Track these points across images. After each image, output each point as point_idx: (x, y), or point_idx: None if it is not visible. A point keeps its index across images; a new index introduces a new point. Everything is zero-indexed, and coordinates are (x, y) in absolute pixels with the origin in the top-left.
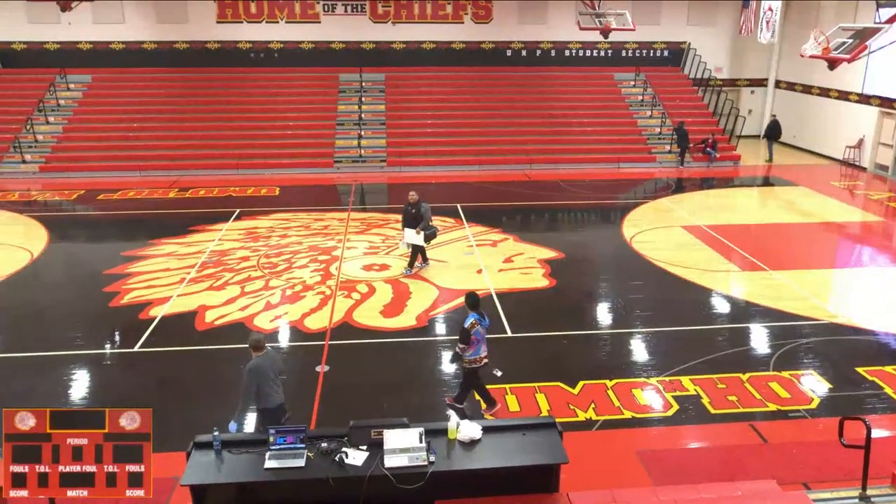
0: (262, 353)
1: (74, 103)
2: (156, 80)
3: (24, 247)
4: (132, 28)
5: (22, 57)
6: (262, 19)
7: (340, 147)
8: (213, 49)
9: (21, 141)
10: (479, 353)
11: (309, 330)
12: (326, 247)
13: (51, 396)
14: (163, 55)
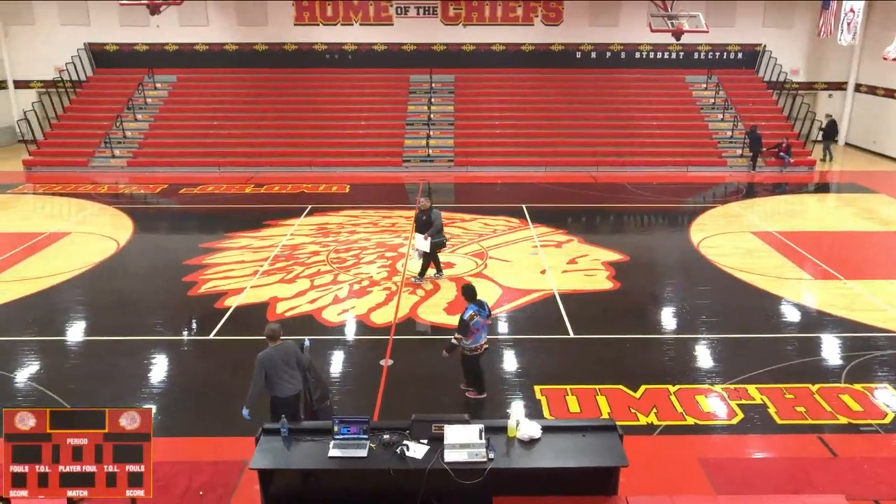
0: (276, 344)
1: (160, 102)
2: (236, 80)
3: (112, 237)
4: (215, 30)
5: (114, 58)
6: (337, 22)
7: (409, 146)
8: (290, 50)
9: (111, 137)
10: (479, 341)
11: (374, 324)
12: (393, 244)
13: (131, 378)
14: (243, 56)
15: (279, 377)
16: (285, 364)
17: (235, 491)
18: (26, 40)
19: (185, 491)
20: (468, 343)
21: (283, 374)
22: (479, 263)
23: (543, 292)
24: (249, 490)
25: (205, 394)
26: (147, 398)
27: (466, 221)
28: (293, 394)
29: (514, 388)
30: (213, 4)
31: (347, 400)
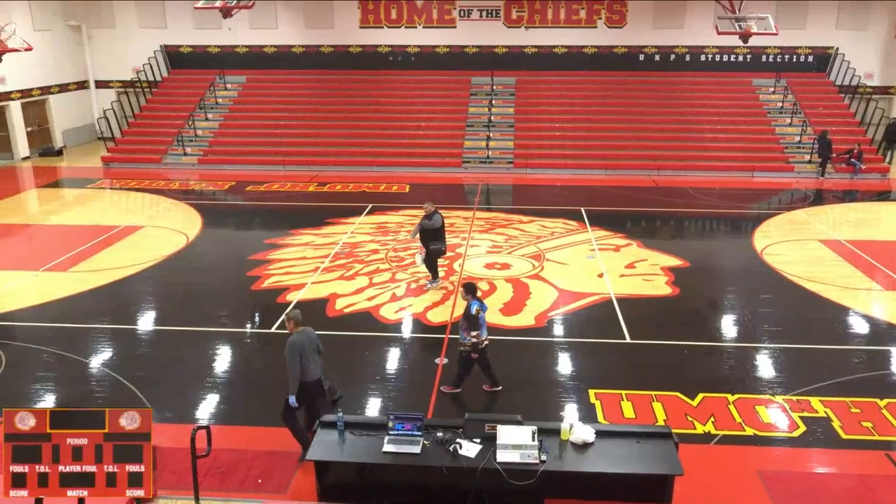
0: (300, 330)
1: (230, 101)
2: (301, 82)
3: (182, 231)
4: (283, 33)
5: (188, 59)
6: (401, 24)
7: (469, 148)
8: (354, 52)
9: (184, 135)
10: (482, 335)
11: (430, 323)
12: (451, 244)
13: (196, 367)
14: (309, 58)
15: (307, 361)
16: (311, 349)
17: (293, 481)
18: (107, 43)
19: (244, 478)
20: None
21: (310, 358)
22: (536, 265)
23: (600, 296)
24: (306, 480)
25: (265, 385)
26: (210, 387)
27: (524, 223)
28: (317, 377)
29: (568, 392)
30: (283, 8)
31: (402, 397)
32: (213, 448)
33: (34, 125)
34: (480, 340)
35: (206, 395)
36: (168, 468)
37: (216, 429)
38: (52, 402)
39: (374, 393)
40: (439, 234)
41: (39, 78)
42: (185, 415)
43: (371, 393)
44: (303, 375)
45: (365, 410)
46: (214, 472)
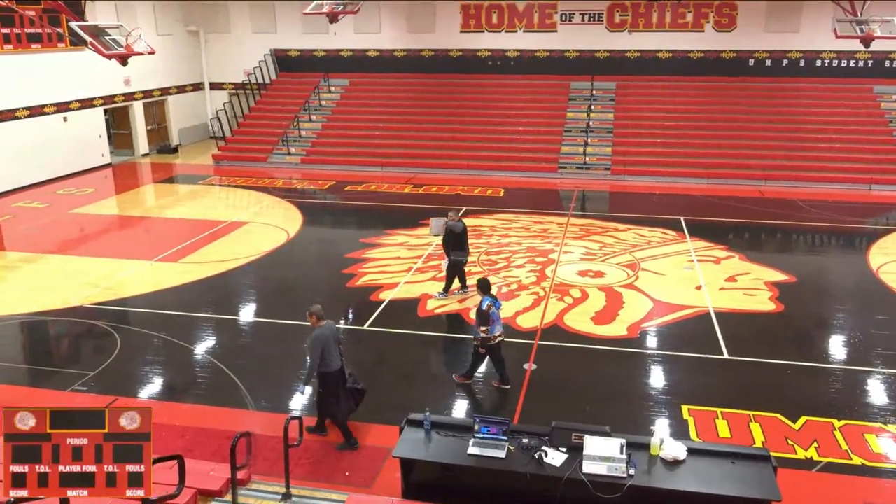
0: (322, 324)
1: (333, 104)
2: (402, 85)
3: (283, 228)
4: (386, 37)
5: (295, 62)
6: (501, 29)
7: (566, 153)
8: (454, 56)
9: (288, 136)
10: (493, 331)
11: (520, 328)
12: (544, 249)
13: (291, 360)
14: (410, 61)
15: (330, 353)
16: (335, 339)
17: (378, 475)
18: (222, 47)
19: (332, 470)
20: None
21: (333, 350)
22: (631, 275)
23: (697, 309)
24: (391, 476)
25: None
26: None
27: (620, 231)
28: (338, 368)
29: (659, 406)
30: (386, 13)
31: (488, 400)
32: (304, 438)
33: (154, 124)
34: (492, 336)
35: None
36: (262, 455)
37: (308, 420)
38: (159, 385)
39: (460, 395)
40: (462, 242)
41: (160, 80)
42: (280, 405)
43: (458, 394)
44: (326, 366)
45: (451, 411)
46: (305, 461)
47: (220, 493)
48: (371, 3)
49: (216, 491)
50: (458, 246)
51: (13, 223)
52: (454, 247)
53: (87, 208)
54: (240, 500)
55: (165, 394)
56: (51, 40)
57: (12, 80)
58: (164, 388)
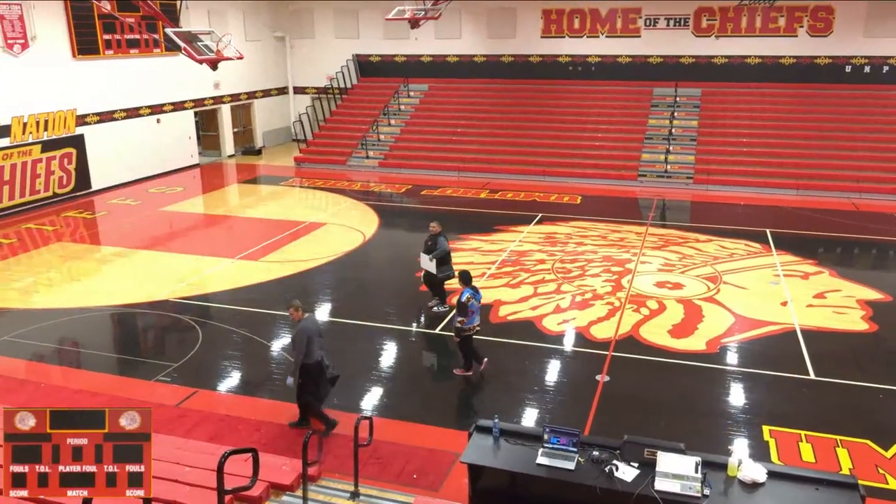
0: (305, 316)
1: (412, 108)
2: (481, 90)
3: (359, 229)
4: (466, 43)
5: (377, 67)
6: (583, 34)
7: (646, 161)
8: (534, 62)
9: (367, 139)
10: (472, 322)
11: (594, 338)
12: (620, 258)
13: (364, 359)
14: (490, 67)
15: (314, 345)
16: (317, 333)
17: (446, 480)
18: (307, 52)
19: (400, 472)
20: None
21: (315, 341)
22: (712, 288)
23: (782, 326)
24: (458, 482)
25: (426, 383)
26: (375, 380)
27: (701, 242)
28: (319, 359)
29: (738, 425)
30: (467, 19)
31: (559, 410)
32: (373, 438)
33: (240, 126)
34: (469, 328)
35: (370, 387)
36: (332, 453)
37: (378, 420)
38: (236, 379)
39: (530, 403)
40: (447, 259)
41: (247, 84)
42: (351, 404)
43: (528, 403)
44: (308, 357)
45: (521, 420)
46: (374, 461)
47: (292, 487)
48: (452, 8)
49: (288, 485)
50: (444, 262)
51: (108, 219)
52: (441, 262)
53: (175, 206)
54: (310, 496)
55: (243, 388)
56: (147, 46)
57: (112, 84)
58: (241, 383)
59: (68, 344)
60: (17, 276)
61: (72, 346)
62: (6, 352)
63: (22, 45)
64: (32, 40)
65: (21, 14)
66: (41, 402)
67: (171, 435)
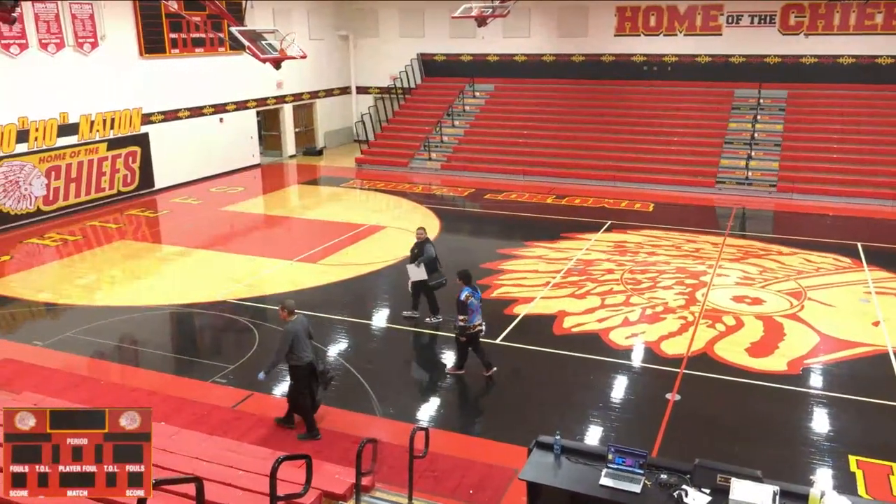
0: (294, 318)
1: (477, 109)
2: (548, 91)
3: None
4: (535, 42)
5: (442, 67)
6: (660, 32)
7: (725, 167)
8: (607, 62)
9: (430, 141)
10: (473, 321)
11: (664, 354)
12: (695, 270)
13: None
14: (559, 67)
15: (300, 346)
16: (305, 333)
17: (503, 497)
18: (370, 51)
19: (456, 486)
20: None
21: (303, 343)
22: (795, 304)
23: (874, 348)
24: (516, 500)
25: (487, 396)
26: (432, 390)
27: (784, 255)
28: (309, 360)
29: (821, 454)
30: (537, 16)
31: (625, 429)
32: (429, 451)
33: (301, 126)
34: (471, 326)
35: (427, 397)
36: (386, 463)
37: (434, 432)
38: None
39: (595, 420)
40: (435, 266)
41: (310, 83)
42: (407, 413)
43: (592, 420)
44: (297, 360)
45: (584, 437)
46: (429, 474)
47: (345, 497)
48: (521, 6)
49: (341, 495)
50: (433, 269)
51: (170, 218)
52: (430, 270)
53: (236, 206)
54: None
55: None
56: (212, 45)
57: (177, 83)
58: None
59: (127, 342)
60: (82, 273)
61: (130, 345)
62: (69, 348)
63: (92, 45)
64: (102, 39)
65: (92, 13)
66: (99, 399)
67: (226, 437)
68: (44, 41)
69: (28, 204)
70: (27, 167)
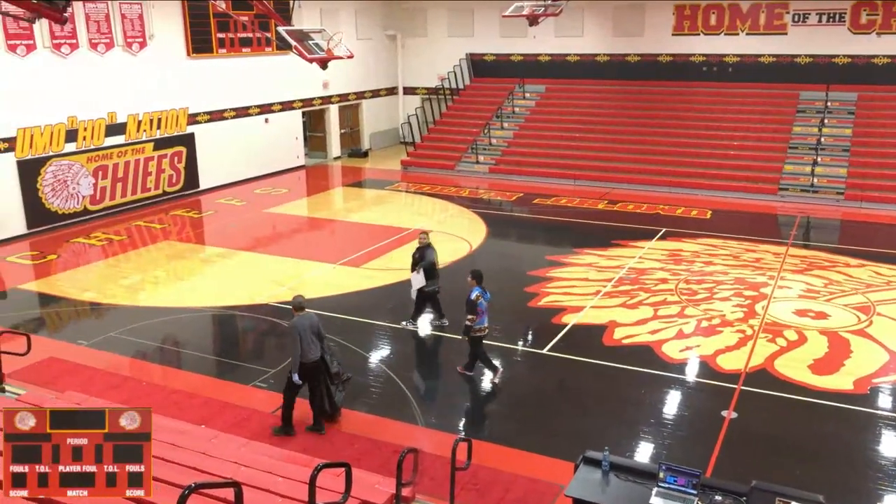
0: (301, 314)
1: (527, 111)
2: (601, 92)
3: (466, 238)
4: (589, 41)
5: (491, 67)
6: (720, 31)
7: (789, 173)
8: (663, 62)
9: (478, 143)
10: (482, 323)
11: (720, 369)
12: (755, 282)
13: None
14: (613, 67)
15: (306, 343)
16: (311, 331)
17: None
18: (418, 51)
19: (499, 500)
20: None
21: (309, 340)
22: (863, 319)
23: None
24: None
25: (532, 408)
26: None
27: (852, 267)
28: (316, 358)
29: (889, 479)
30: (590, 15)
31: (677, 446)
32: (472, 462)
33: (347, 128)
34: (479, 328)
35: (470, 407)
36: (428, 474)
37: (478, 443)
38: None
39: (645, 437)
40: (433, 272)
41: (356, 84)
42: (449, 423)
43: (642, 436)
44: (303, 356)
45: (633, 454)
46: (471, 486)
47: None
48: (574, 5)
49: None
50: (430, 275)
51: (215, 219)
52: (427, 276)
53: (279, 208)
54: None
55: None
56: (259, 44)
57: (223, 83)
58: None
59: (169, 343)
60: (126, 273)
61: (172, 346)
62: (113, 347)
63: (140, 44)
64: (150, 39)
65: (141, 13)
66: (139, 400)
67: (265, 443)
68: (94, 41)
69: (75, 203)
70: (75, 166)
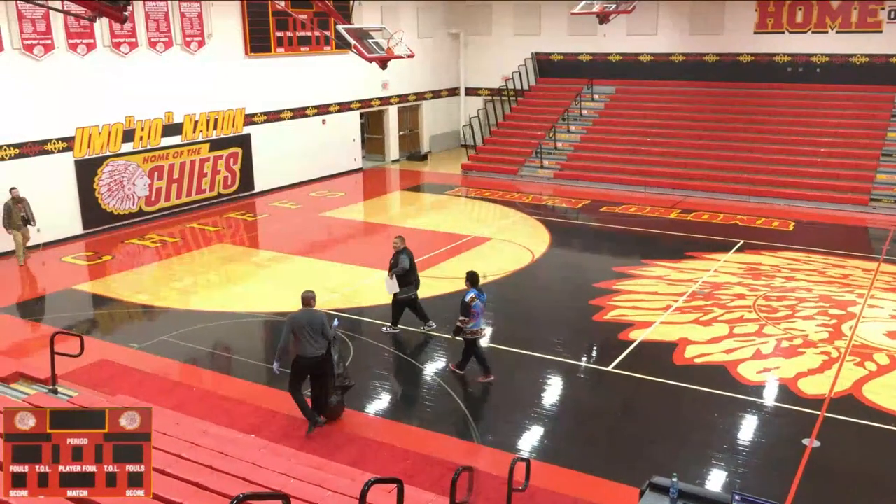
0: (304, 309)
1: (595, 114)
2: (676, 94)
3: (528, 247)
4: (663, 40)
5: (558, 67)
6: (807, 29)
7: (882, 182)
8: (744, 62)
9: (543, 147)
10: (478, 325)
11: (802, 394)
12: (842, 300)
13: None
14: (689, 67)
15: (304, 338)
16: (310, 328)
17: None
18: (481, 51)
19: None
20: (468, 326)
21: (307, 336)
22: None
23: None
24: None
25: (594, 428)
26: (536, 418)
27: None
28: (315, 356)
29: None
30: (665, 12)
31: (753, 475)
32: (530, 484)
33: (406, 129)
34: (474, 330)
35: (530, 426)
36: (483, 494)
37: (536, 464)
38: (385, 402)
39: (717, 463)
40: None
41: (416, 84)
42: (506, 441)
43: (714, 463)
44: (301, 350)
45: (704, 482)
46: None
47: None
48: (647, 3)
49: None
50: (405, 282)
51: (269, 222)
52: (402, 283)
53: (335, 212)
54: None
55: (391, 412)
56: (318, 43)
57: (281, 82)
58: (390, 406)
59: (220, 348)
60: (179, 276)
61: (223, 352)
62: (163, 351)
63: (199, 43)
64: (209, 38)
65: (200, 12)
66: (188, 406)
67: (313, 455)
68: (153, 40)
69: (131, 204)
70: (131, 167)
